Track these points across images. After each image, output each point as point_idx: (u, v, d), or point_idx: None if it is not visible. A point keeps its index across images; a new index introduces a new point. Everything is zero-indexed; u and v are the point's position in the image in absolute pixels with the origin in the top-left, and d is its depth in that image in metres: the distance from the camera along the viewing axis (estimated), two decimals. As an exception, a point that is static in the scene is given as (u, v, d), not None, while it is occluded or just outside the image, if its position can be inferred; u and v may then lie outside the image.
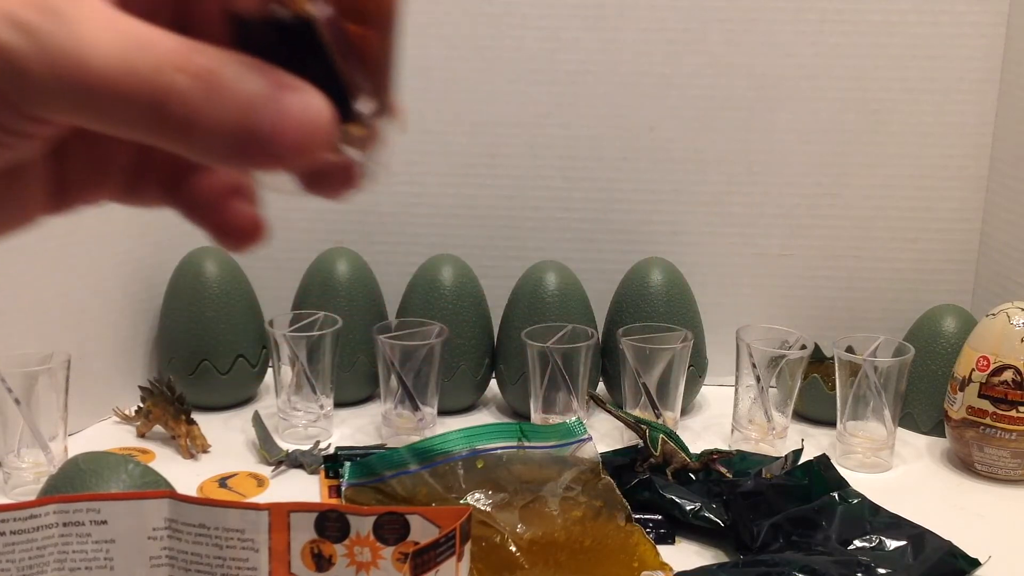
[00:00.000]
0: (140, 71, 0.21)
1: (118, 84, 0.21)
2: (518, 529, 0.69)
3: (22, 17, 0.20)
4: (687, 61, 1.00)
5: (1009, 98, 0.98)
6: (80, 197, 0.27)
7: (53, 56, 0.21)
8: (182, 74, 0.21)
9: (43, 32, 0.20)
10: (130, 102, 0.21)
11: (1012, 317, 0.82)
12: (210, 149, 0.22)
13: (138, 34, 0.21)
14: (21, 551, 0.55)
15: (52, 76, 0.21)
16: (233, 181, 0.27)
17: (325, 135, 0.22)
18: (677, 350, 0.88)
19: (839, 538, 0.71)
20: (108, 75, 0.21)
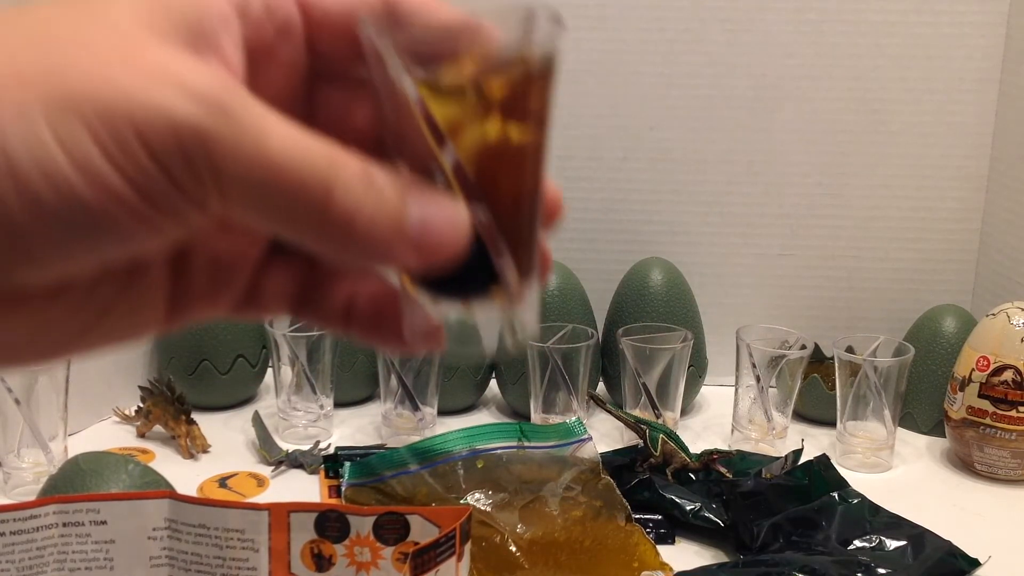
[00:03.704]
0: (313, 161, 0.21)
1: (293, 172, 0.21)
2: (518, 529, 0.69)
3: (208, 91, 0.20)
4: (687, 61, 1.00)
5: (1009, 98, 0.98)
6: (197, 309, 0.26)
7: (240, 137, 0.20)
8: (346, 168, 0.22)
9: (232, 110, 0.20)
10: (299, 191, 0.21)
11: (1012, 317, 0.82)
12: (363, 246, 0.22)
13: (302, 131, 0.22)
14: (21, 551, 0.55)
15: (234, 158, 0.20)
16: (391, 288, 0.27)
17: (464, 239, 0.23)
18: (677, 350, 0.88)
19: (839, 538, 0.71)
20: (285, 162, 0.21)
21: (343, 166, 0.22)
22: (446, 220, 0.23)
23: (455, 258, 0.23)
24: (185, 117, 0.20)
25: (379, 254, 0.23)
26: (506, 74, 0.24)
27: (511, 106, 0.24)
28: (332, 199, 0.21)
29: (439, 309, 0.25)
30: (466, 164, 0.23)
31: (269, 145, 0.21)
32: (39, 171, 0.19)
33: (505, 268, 0.25)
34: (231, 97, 0.20)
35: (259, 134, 0.20)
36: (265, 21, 0.24)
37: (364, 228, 0.22)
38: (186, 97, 0.20)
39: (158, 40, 0.21)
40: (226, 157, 0.20)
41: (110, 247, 0.21)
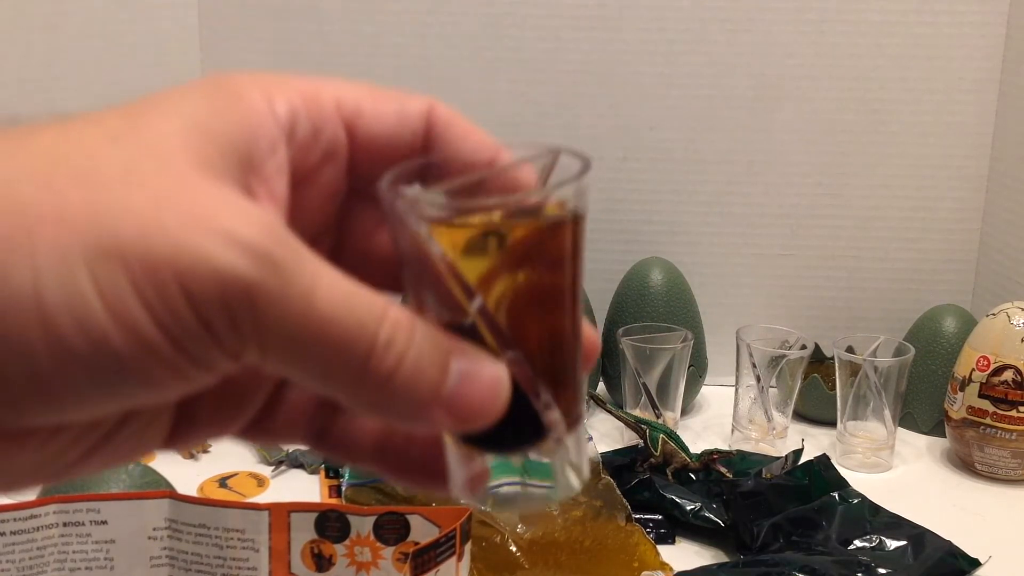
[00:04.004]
0: (359, 316, 0.20)
1: (338, 328, 0.20)
2: (518, 529, 0.69)
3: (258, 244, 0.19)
4: (687, 61, 1.00)
5: (1009, 98, 0.98)
6: (203, 433, 0.25)
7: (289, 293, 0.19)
8: (389, 325, 0.21)
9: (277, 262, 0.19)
10: (345, 348, 0.20)
11: (1012, 317, 0.82)
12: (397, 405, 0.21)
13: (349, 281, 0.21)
14: (21, 551, 0.55)
15: (280, 314, 0.19)
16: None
17: (503, 403, 0.22)
18: (677, 350, 0.88)
19: (839, 538, 0.71)
20: (331, 319, 0.20)
21: (389, 320, 0.21)
22: (486, 385, 0.22)
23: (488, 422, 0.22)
24: (232, 270, 0.19)
25: (412, 416, 0.22)
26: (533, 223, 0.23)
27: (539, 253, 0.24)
28: (373, 356, 0.21)
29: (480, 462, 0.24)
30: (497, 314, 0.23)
31: (316, 301, 0.20)
32: (72, 317, 0.18)
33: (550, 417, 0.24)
34: (281, 250, 0.19)
35: (307, 290, 0.20)
36: (312, 144, 0.23)
37: (401, 389, 0.21)
38: (235, 249, 0.19)
39: (208, 176, 0.20)
40: (271, 313, 0.19)
41: (134, 395, 0.20)
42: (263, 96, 0.22)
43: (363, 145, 0.24)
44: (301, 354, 0.20)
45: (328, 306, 0.20)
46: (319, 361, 0.20)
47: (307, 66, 1.00)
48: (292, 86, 0.23)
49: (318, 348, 0.20)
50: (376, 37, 1.00)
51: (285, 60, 1.00)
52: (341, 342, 0.20)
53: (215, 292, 0.19)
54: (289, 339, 0.20)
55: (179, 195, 0.19)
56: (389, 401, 0.21)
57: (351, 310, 0.20)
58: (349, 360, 0.20)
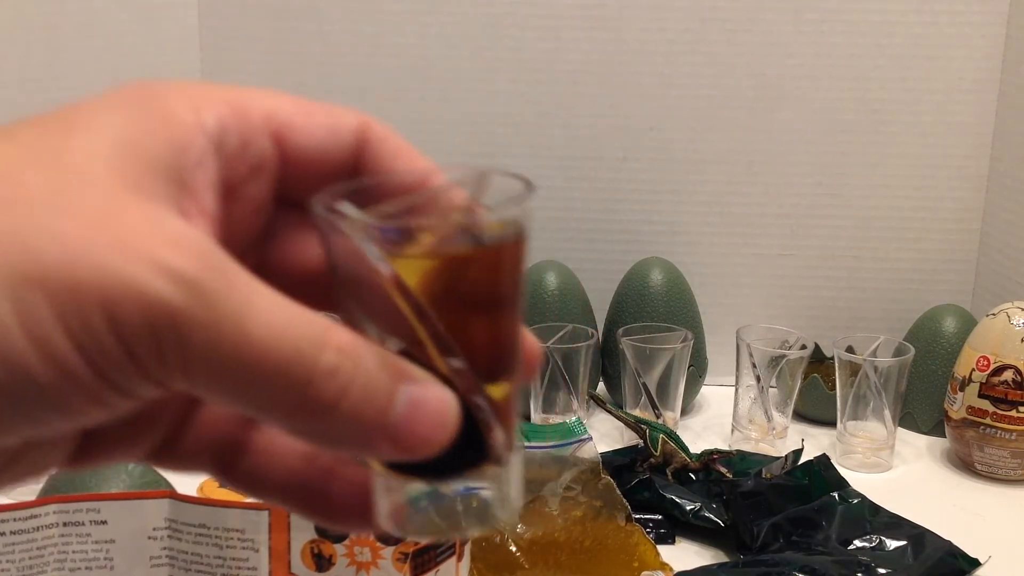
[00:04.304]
0: (298, 344, 0.19)
1: (275, 356, 0.19)
2: (518, 529, 0.69)
3: (185, 271, 0.18)
4: (687, 61, 1.00)
5: (1009, 98, 0.98)
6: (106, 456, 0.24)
7: (217, 321, 0.18)
8: (332, 351, 0.20)
9: (211, 291, 0.19)
10: (281, 376, 0.19)
11: (1012, 317, 0.82)
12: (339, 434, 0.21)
13: (289, 305, 0.20)
14: (21, 551, 0.55)
15: (208, 343, 0.18)
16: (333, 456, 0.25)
17: (451, 430, 0.21)
18: (677, 350, 0.88)
19: (839, 538, 0.71)
20: (267, 346, 0.19)
21: (332, 346, 0.20)
22: (435, 411, 0.21)
23: (436, 449, 0.21)
24: (158, 297, 0.18)
25: (355, 445, 0.21)
26: (480, 243, 0.23)
27: (484, 273, 0.23)
28: (313, 385, 0.20)
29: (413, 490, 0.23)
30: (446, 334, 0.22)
31: (250, 330, 0.19)
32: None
33: (495, 440, 0.23)
34: (212, 276, 0.19)
35: (239, 316, 0.19)
36: (240, 157, 0.23)
37: (344, 418, 0.20)
38: (162, 275, 0.18)
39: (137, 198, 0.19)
40: (199, 342, 0.18)
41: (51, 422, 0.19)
42: (190, 108, 0.21)
43: (292, 159, 0.24)
44: (233, 383, 0.19)
45: (262, 333, 0.19)
46: (253, 390, 0.19)
47: (307, 66, 1.00)
48: (220, 97, 0.22)
49: (251, 377, 0.19)
50: (376, 37, 1.00)
51: (285, 60, 1.00)
52: (277, 371, 0.19)
53: (140, 319, 0.18)
54: (220, 368, 0.19)
55: (106, 220, 0.19)
56: (330, 431, 0.20)
57: (288, 336, 0.19)
58: (287, 389, 0.19)
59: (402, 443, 0.21)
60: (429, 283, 0.22)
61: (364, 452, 0.21)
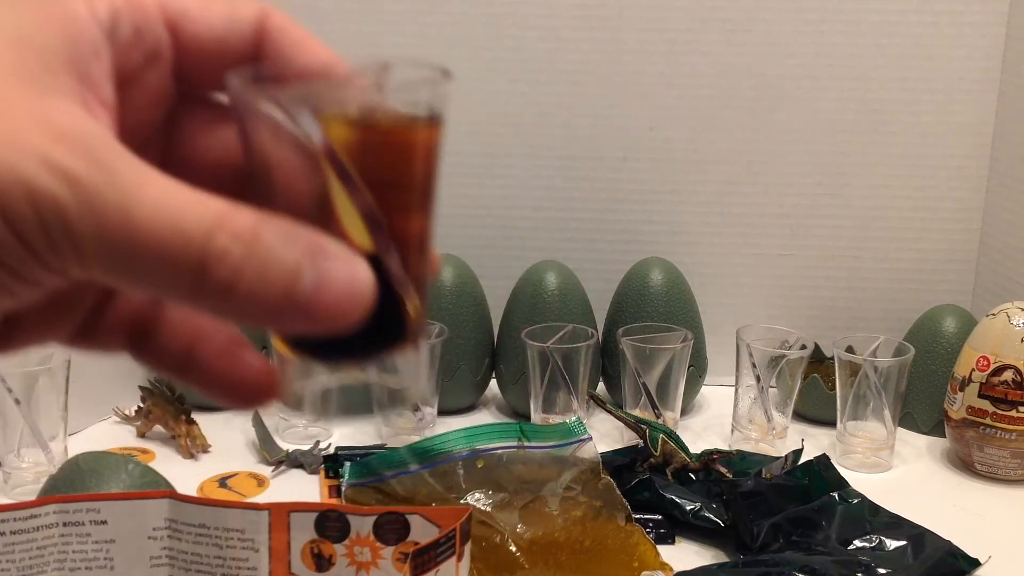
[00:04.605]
0: (185, 231, 0.20)
1: (163, 244, 0.20)
2: (518, 529, 0.69)
3: (68, 166, 0.19)
4: (687, 61, 1.00)
5: (1009, 98, 0.98)
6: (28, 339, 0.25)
7: (101, 212, 0.19)
8: (225, 235, 0.20)
9: (91, 185, 0.19)
10: (172, 263, 0.20)
11: (1012, 317, 0.82)
12: (246, 313, 0.21)
13: (182, 192, 0.20)
14: (21, 551, 0.55)
15: (96, 232, 0.19)
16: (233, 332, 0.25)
17: (367, 303, 0.22)
18: (677, 350, 0.88)
19: (839, 538, 0.71)
20: (154, 234, 0.20)
21: (224, 230, 0.20)
22: (346, 284, 0.21)
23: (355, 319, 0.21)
24: (45, 189, 0.19)
25: (264, 321, 0.21)
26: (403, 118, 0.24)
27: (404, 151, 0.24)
28: (206, 270, 0.20)
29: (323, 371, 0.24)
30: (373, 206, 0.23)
31: (137, 220, 0.19)
32: None
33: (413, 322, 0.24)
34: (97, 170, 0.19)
35: (126, 208, 0.19)
36: (134, 46, 0.23)
37: (244, 297, 0.21)
38: (48, 170, 0.19)
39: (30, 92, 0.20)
40: (86, 230, 0.19)
41: None
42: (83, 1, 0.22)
43: (189, 48, 0.24)
44: (127, 269, 0.20)
45: (149, 222, 0.20)
46: (149, 275, 0.20)
47: (307, 66, 1.00)
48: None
49: (143, 264, 0.20)
50: (376, 37, 1.00)
51: (285, 60, 1.00)
52: (167, 257, 0.20)
53: (29, 212, 0.19)
54: (111, 255, 0.20)
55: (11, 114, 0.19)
56: (236, 309, 0.21)
57: (178, 221, 0.20)
58: (180, 274, 0.20)
59: (313, 316, 0.21)
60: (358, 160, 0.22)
61: (278, 327, 0.22)
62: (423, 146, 0.24)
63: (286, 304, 0.21)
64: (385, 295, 0.22)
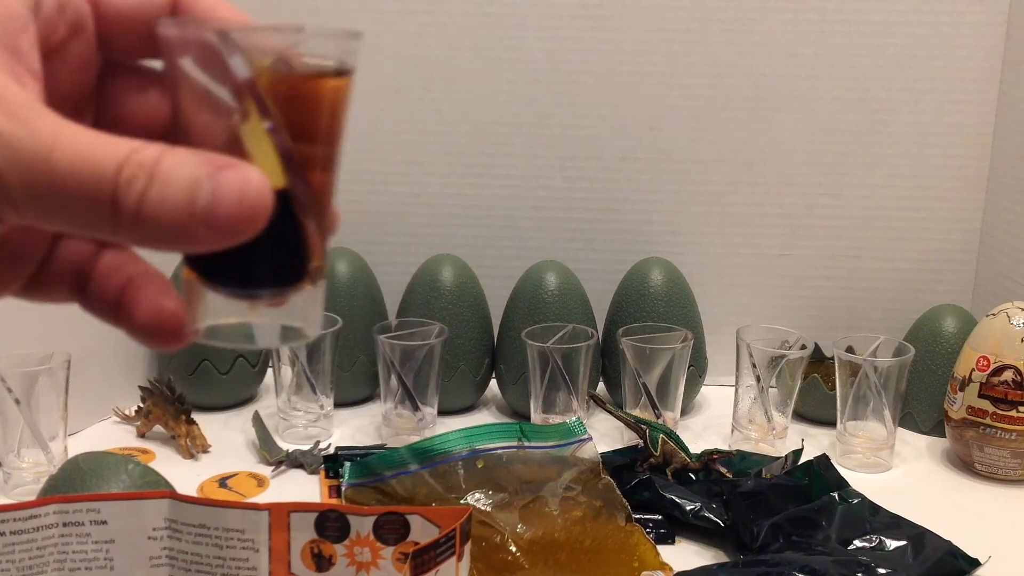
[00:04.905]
0: (97, 167, 0.22)
1: (79, 182, 0.22)
2: (518, 529, 0.69)
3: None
4: (687, 61, 1.00)
5: (1009, 98, 0.98)
6: None
7: (23, 161, 0.22)
8: (132, 166, 0.23)
9: (13, 138, 0.22)
10: (89, 199, 0.23)
11: (1012, 317, 0.82)
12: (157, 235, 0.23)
13: (93, 136, 0.23)
14: (21, 551, 0.55)
15: (21, 180, 0.22)
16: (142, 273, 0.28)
17: (264, 209, 0.23)
18: (677, 350, 0.88)
19: (839, 538, 0.71)
20: (71, 174, 0.22)
21: (131, 162, 0.23)
22: (241, 182, 0.23)
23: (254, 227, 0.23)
24: None
25: (175, 239, 0.23)
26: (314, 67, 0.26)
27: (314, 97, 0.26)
28: (117, 197, 0.23)
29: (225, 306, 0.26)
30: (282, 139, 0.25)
31: (55, 160, 0.22)
32: None
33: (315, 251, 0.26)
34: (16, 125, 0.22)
35: (43, 152, 0.22)
36: (57, 19, 0.25)
37: (152, 218, 0.23)
38: None
39: None
40: (14, 182, 0.22)
41: None
42: None
43: (110, 19, 0.27)
44: (54, 209, 0.23)
45: (66, 163, 0.22)
46: (73, 212, 0.23)
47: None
48: None
49: (66, 201, 0.22)
50: (376, 37, 1.00)
51: (285, 60, 1.00)
52: (84, 191, 0.22)
53: None
54: (37, 197, 0.22)
55: None
56: (149, 232, 0.23)
57: (89, 161, 0.22)
58: (97, 206, 0.23)
59: (213, 227, 0.23)
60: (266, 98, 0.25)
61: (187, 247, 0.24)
62: (330, 97, 0.26)
63: (188, 219, 0.23)
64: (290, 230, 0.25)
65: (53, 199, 0.23)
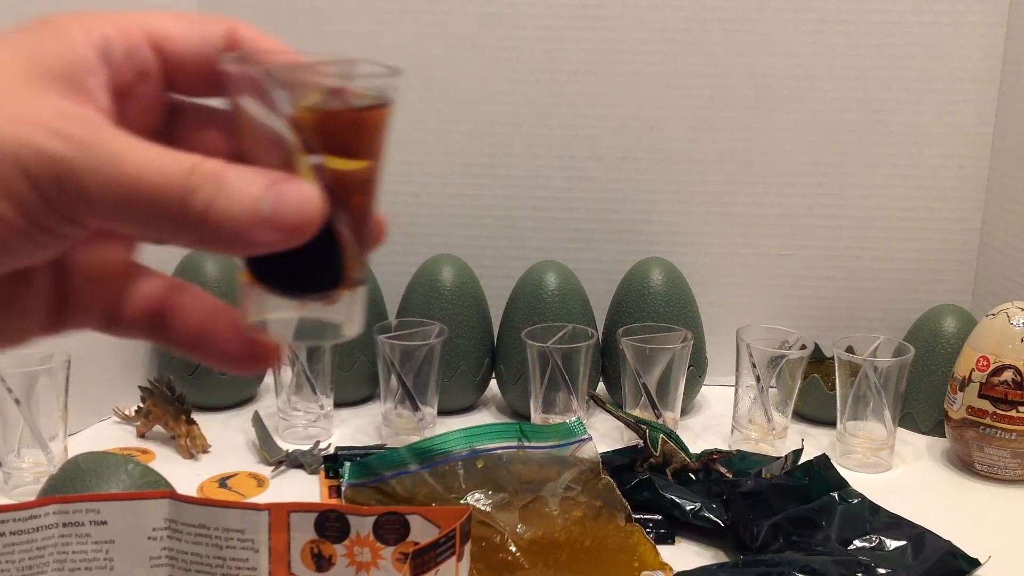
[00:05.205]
0: (167, 173, 0.25)
1: (150, 183, 0.25)
2: (518, 529, 0.69)
3: (69, 132, 0.25)
4: (687, 61, 1.00)
5: (1009, 98, 0.98)
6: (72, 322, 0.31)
7: (98, 164, 0.25)
8: (198, 175, 0.25)
9: (89, 144, 0.25)
10: (157, 201, 0.25)
11: (1012, 317, 0.82)
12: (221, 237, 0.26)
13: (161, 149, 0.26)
14: (21, 551, 0.55)
15: (96, 181, 0.24)
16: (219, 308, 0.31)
17: (317, 219, 0.27)
18: (677, 350, 0.88)
19: (839, 538, 0.71)
20: (142, 176, 0.25)
21: (196, 173, 0.25)
22: (298, 195, 0.26)
23: (309, 232, 0.27)
24: (52, 151, 0.24)
25: (239, 241, 0.26)
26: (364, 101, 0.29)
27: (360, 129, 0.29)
28: (187, 202, 0.25)
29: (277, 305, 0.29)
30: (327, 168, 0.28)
31: (125, 167, 0.25)
32: None
33: (354, 263, 0.29)
34: (90, 132, 0.25)
35: (116, 159, 0.25)
36: (125, 65, 0.28)
37: (217, 220, 0.26)
38: (53, 136, 0.24)
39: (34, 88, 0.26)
40: (89, 181, 0.24)
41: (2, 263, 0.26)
42: (82, 29, 0.27)
43: (174, 64, 0.29)
44: (126, 212, 0.25)
45: (137, 170, 0.25)
46: (143, 214, 0.25)
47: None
48: (107, 20, 0.28)
49: (137, 204, 0.25)
50: (376, 37, 1.00)
51: (285, 60, 1.00)
52: (154, 195, 0.25)
53: (43, 170, 0.24)
54: (111, 200, 0.25)
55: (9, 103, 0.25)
56: (214, 234, 0.26)
57: (160, 170, 0.25)
58: (166, 208, 0.25)
59: (276, 223, 0.26)
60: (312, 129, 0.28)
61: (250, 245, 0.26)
62: (370, 127, 0.29)
63: (251, 222, 0.26)
64: (331, 244, 0.28)
65: (126, 201, 0.25)
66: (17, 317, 0.29)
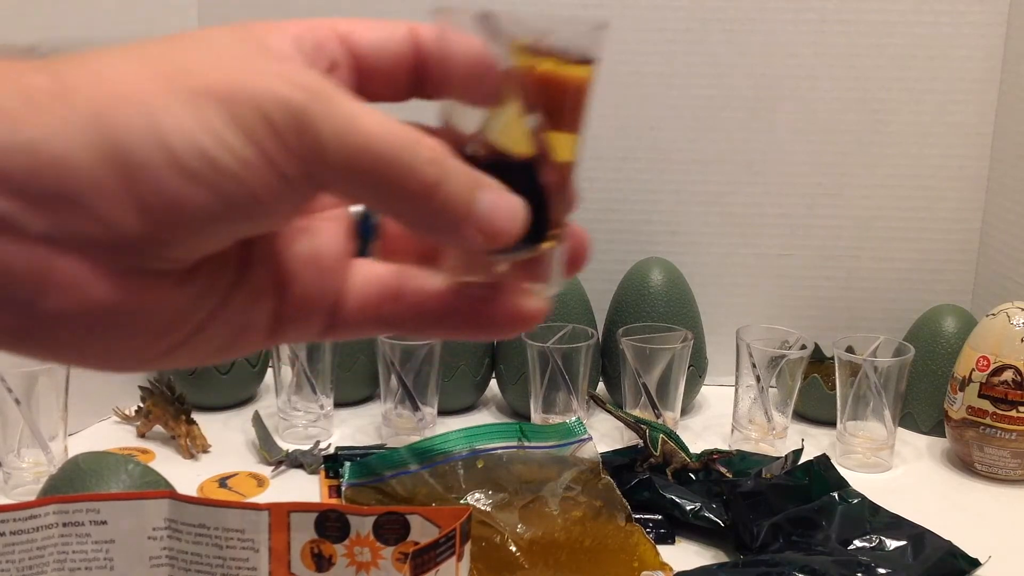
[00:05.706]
0: (397, 137, 0.25)
1: (380, 146, 0.25)
2: (518, 529, 0.69)
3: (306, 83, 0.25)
4: (687, 61, 1.00)
5: (1009, 98, 0.98)
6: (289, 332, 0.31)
7: (335, 115, 0.25)
8: (427, 147, 0.26)
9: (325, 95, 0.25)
10: (386, 164, 0.25)
11: (1012, 317, 0.82)
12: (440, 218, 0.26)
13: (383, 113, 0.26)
14: (21, 551, 0.55)
15: (334, 130, 0.25)
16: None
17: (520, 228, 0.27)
18: (677, 350, 0.88)
19: (839, 538, 0.71)
20: (375, 133, 0.25)
21: (427, 143, 0.26)
22: (510, 209, 0.27)
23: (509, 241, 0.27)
24: (292, 98, 0.25)
25: (449, 228, 0.26)
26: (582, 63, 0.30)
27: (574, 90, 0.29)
28: (415, 171, 0.25)
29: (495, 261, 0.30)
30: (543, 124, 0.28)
31: (361, 122, 0.25)
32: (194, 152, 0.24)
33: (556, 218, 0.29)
34: (326, 88, 0.25)
35: (352, 114, 0.25)
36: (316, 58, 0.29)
37: (441, 202, 0.26)
38: (293, 86, 0.25)
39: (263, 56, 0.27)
40: (327, 132, 0.25)
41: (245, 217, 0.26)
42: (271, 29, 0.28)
43: (361, 54, 0.30)
44: (357, 167, 0.25)
45: (372, 127, 0.25)
46: (373, 172, 0.25)
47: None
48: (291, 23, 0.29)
49: (370, 162, 0.25)
50: (376, 37, 1.00)
51: (285, 60, 1.00)
52: (388, 155, 0.25)
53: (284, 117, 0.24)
54: (345, 153, 0.25)
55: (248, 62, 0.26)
56: (438, 211, 0.26)
57: (394, 131, 0.25)
58: (398, 172, 0.25)
59: (486, 231, 0.27)
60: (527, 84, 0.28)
61: (456, 237, 0.27)
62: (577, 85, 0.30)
63: (465, 216, 0.26)
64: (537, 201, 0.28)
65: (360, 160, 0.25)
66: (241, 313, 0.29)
